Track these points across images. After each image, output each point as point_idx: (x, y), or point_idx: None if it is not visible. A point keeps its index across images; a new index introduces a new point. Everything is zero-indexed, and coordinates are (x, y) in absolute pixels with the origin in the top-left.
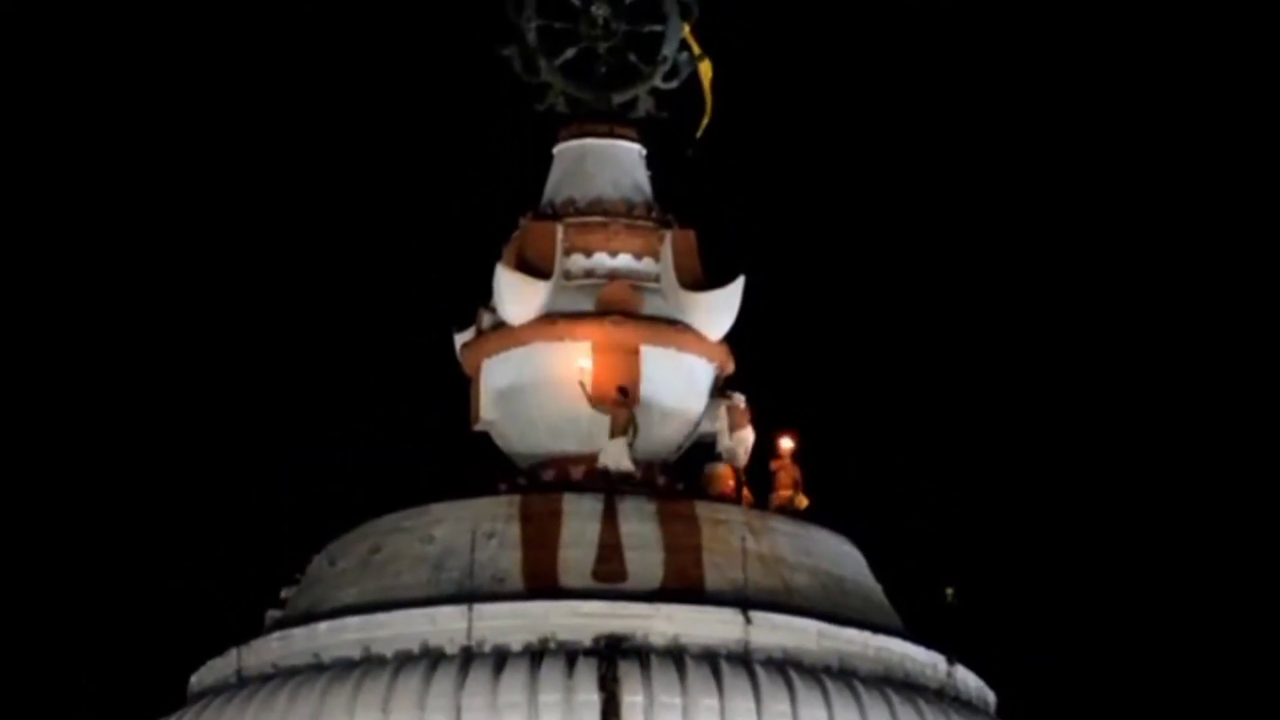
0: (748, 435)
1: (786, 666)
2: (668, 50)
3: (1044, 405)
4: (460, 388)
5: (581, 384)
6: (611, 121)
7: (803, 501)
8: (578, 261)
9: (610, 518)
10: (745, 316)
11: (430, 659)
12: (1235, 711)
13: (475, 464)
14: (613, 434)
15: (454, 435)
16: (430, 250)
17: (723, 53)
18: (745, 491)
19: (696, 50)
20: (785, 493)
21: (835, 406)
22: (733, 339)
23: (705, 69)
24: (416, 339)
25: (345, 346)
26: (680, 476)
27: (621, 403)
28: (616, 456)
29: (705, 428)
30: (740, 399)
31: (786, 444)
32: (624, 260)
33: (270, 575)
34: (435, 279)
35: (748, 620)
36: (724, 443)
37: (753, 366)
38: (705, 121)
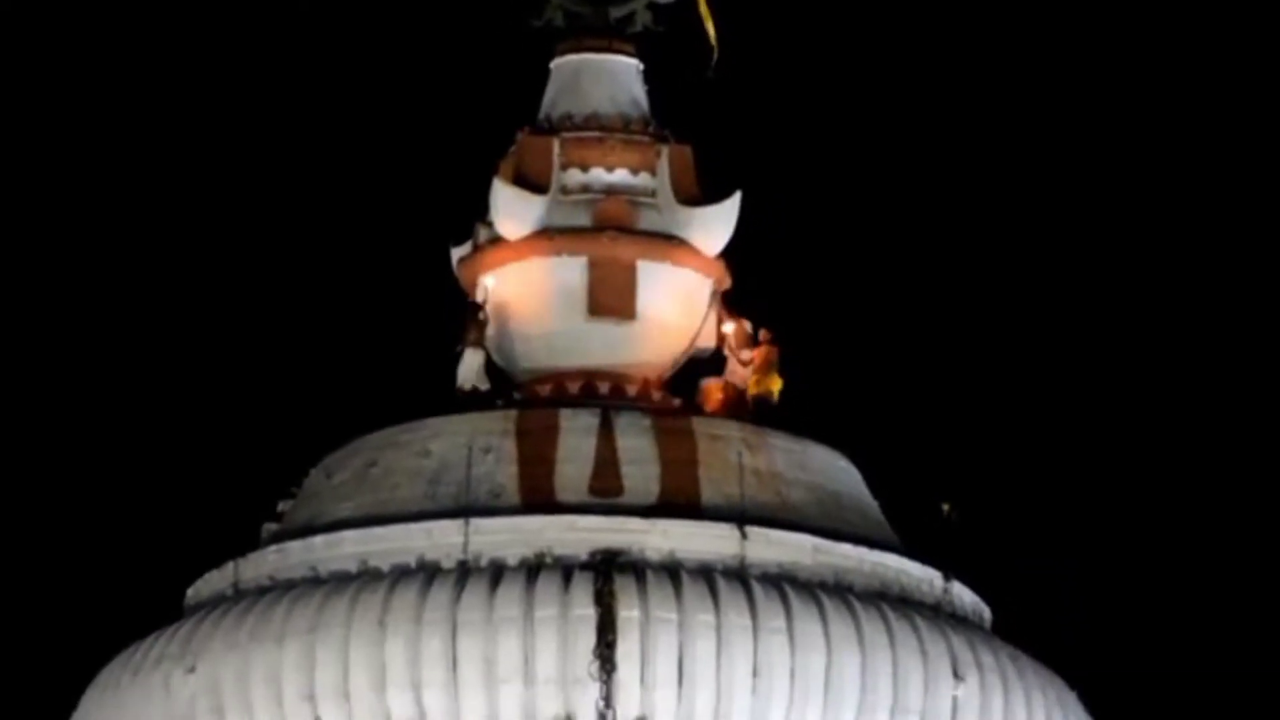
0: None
1: (782, 582)
2: None
3: (1040, 314)
4: (457, 302)
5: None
6: (608, 36)
7: (776, 383)
8: (574, 176)
9: (607, 433)
10: (742, 232)
11: (426, 573)
12: (1237, 628)
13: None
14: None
15: (450, 350)
16: (427, 165)
17: None
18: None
19: None
20: (755, 375)
21: (832, 321)
22: (730, 254)
23: None
24: (414, 253)
25: (343, 261)
26: (677, 392)
27: (476, 319)
28: (467, 372)
29: (703, 343)
30: (746, 324)
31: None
32: (620, 175)
33: (267, 489)
34: (432, 194)
35: (744, 535)
36: (734, 368)
37: (749, 281)
38: (713, 33)
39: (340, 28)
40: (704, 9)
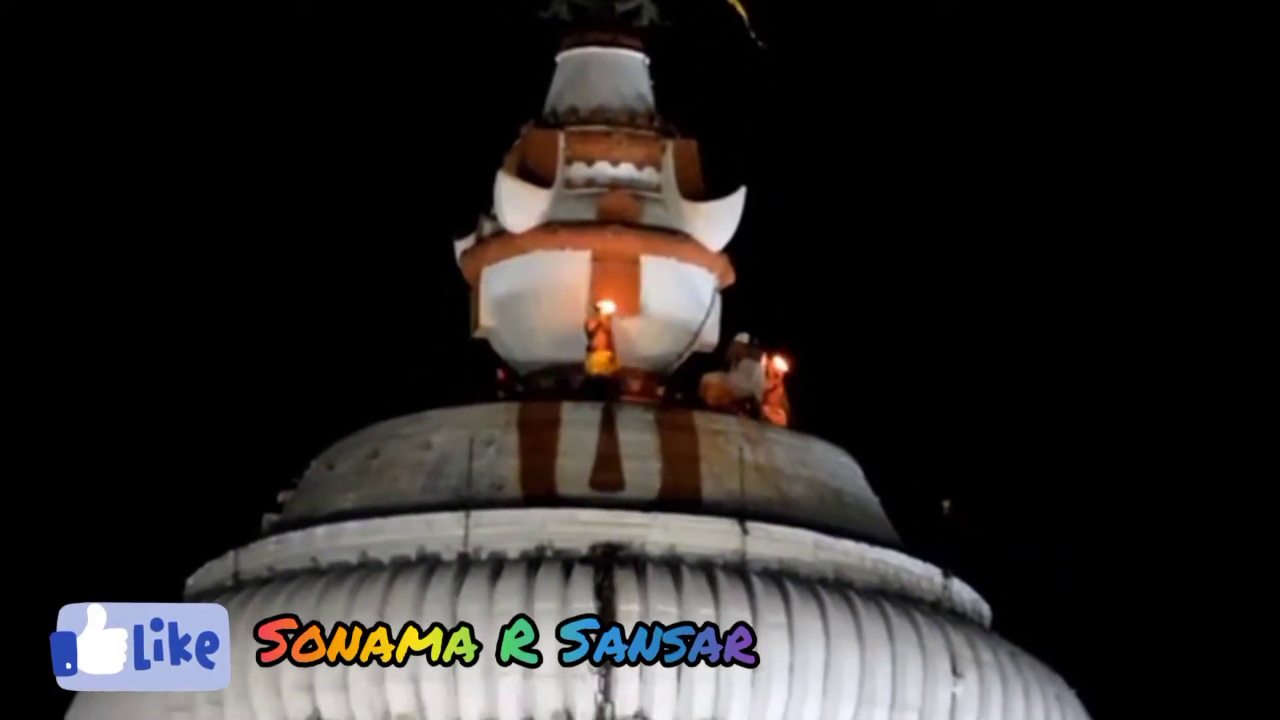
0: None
1: (782, 577)
2: None
3: (1042, 314)
4: (461, 295)
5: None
6: (615, 29)
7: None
8: (579, 170)
9: (609, 426)
10: (747, 227)
11: (427, 565)
12: (1233, 624)
13: (475, 371)
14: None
15: (454, 342)
16: (433, 157)
17: None
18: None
19: None
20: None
21: (836, 317)
22: (734, 250)
23: None
24: (418, 246)
25: (348, 253)
26: (679, 386)
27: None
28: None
29: (706, 338)
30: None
31: (780, 365)
32: (625, 169)
33: (269, 479)
34: (437, 186)
35: (744, 530)
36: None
37: (754, 278)
38: (745, 16)
39: (346, 20)
40: None
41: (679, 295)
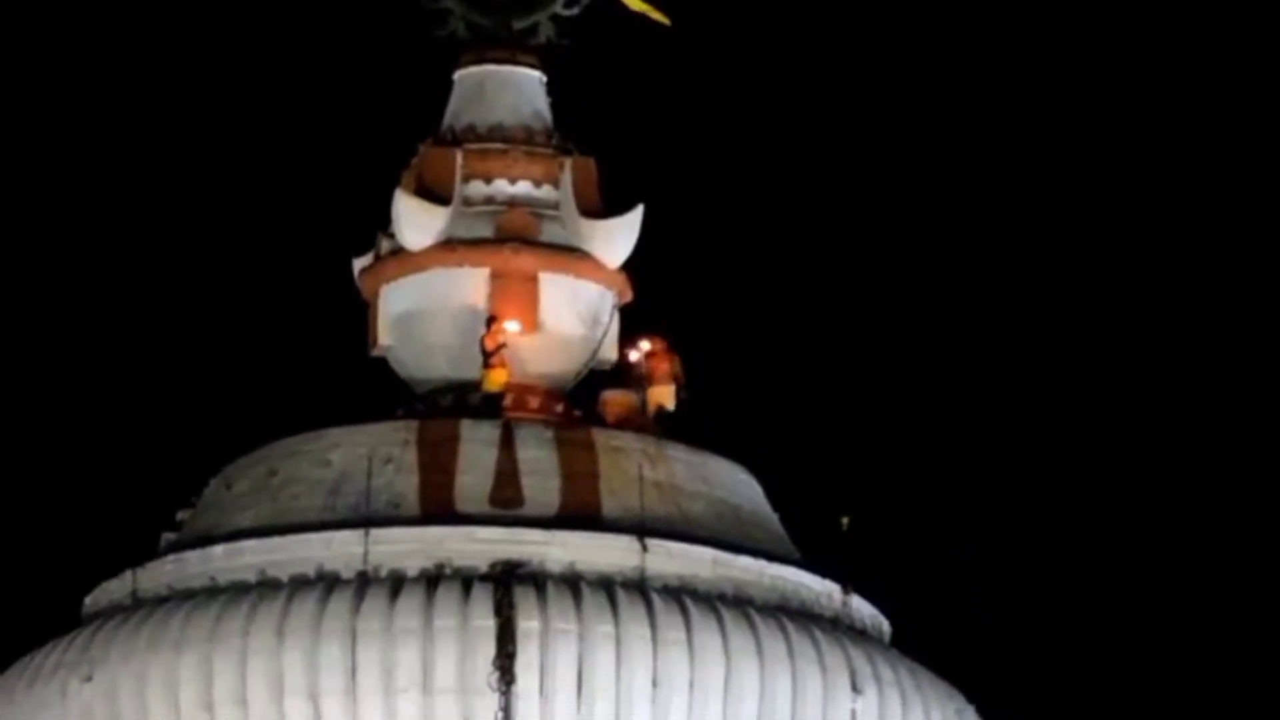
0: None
1: (682, 594)
2: None
3: (931, 320)
4: (358, 313)
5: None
6: (512, 48)
7: (664, 393)
8: (477, 188)
9: (508, 444)
10: (645, 245)
11: (326, 583)
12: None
13: (372, 389)
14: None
15: (352, 360)
16: (330, 176)
17: None
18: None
19: None
20: (661, 387)
21: (733, 333)
22: (631, 267)
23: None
24: (316, 263)
25: (246, 269)
26: (577, 403)
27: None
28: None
29: (604, 355)
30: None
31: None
32: (523, 187)
33: (166, 497)
34: (334, 204)
35: (644, 547)
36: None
37: (651, 295)
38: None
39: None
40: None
41: (578, 312)
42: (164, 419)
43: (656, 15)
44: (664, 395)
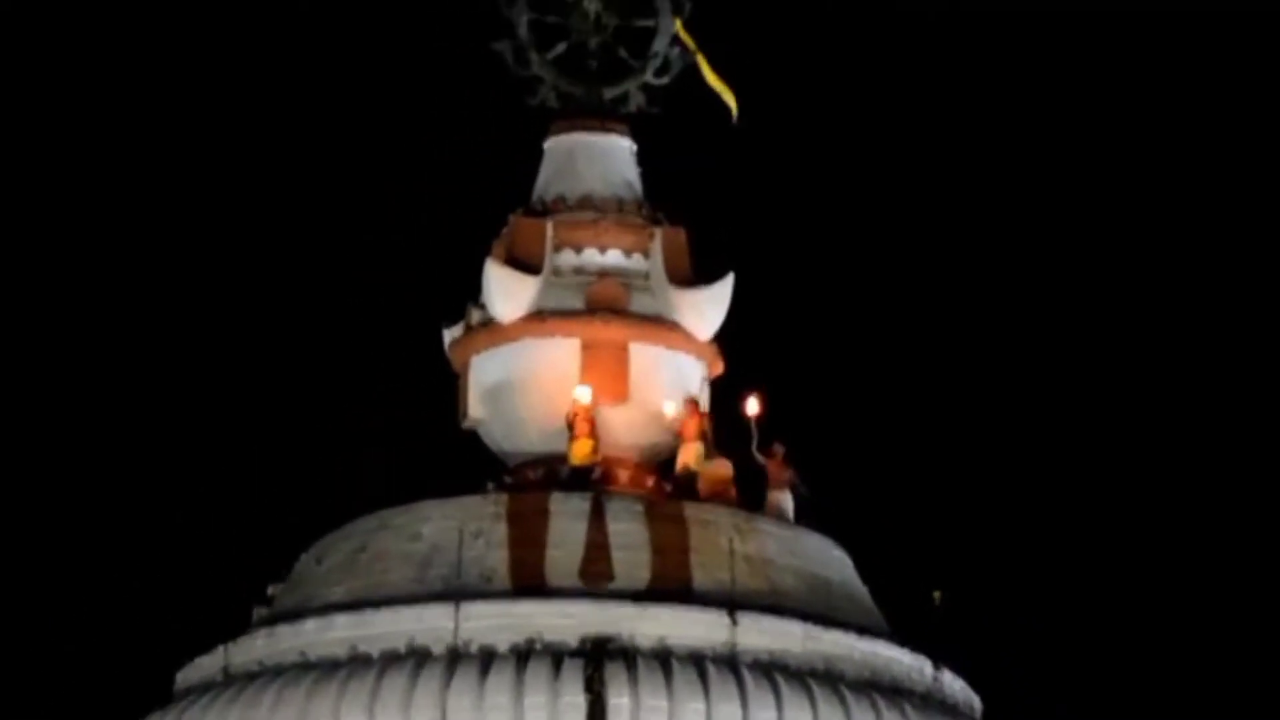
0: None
1: (772, 669)
2: (659, 45)
3: (1033, 407)
4: (449, 385)
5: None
6: (602, 117)
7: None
8: (567, 258)
9: (598, 517)
10: (736, 317)
11: (416, 658)
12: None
13: (463, 462)
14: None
15: (442, 433)
16: (420, 246)
17: (716, 48)
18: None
19: (690, 45)
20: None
21: (826, 407)
22: (723, 339)
23: (704, 63)
24: (406, 335)
25: (335, 343)
26: (670, 477)
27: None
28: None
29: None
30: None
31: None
32: (613, 257)
33: (258, 573)
34: (425, 275)
35: (734, 622)
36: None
37: (744, 367)
38: (732, 102)
39: (338, 107)
40: (711, 76)
41: (668, 383)
42: (256, 493)
43: (729, 98)
44: (690, 454)
